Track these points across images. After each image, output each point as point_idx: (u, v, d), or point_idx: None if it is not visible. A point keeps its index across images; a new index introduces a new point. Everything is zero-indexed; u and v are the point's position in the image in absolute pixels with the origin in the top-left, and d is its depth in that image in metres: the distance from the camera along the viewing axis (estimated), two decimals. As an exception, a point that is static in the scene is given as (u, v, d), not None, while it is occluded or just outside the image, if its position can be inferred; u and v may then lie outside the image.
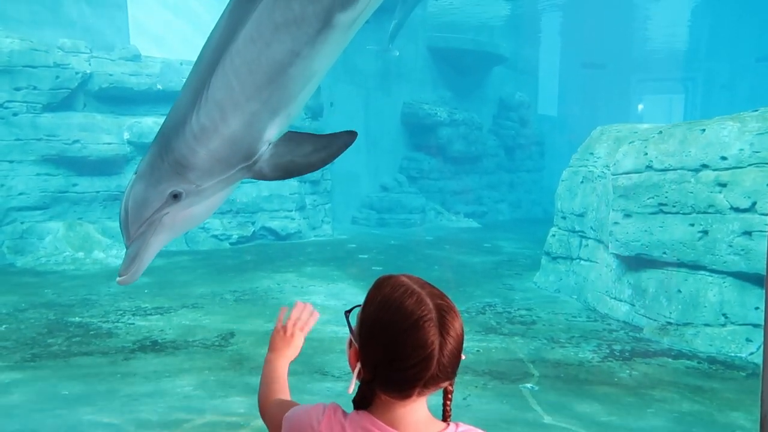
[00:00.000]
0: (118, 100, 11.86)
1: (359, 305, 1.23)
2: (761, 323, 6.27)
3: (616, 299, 7.76)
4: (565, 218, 9.20)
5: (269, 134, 2.71)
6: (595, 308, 8.06)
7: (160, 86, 12.18)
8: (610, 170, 7.94)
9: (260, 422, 1.71)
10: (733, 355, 6.25)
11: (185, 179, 2.60)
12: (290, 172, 2.80)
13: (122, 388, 5.18)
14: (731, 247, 6.45)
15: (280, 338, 1.61)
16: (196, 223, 2.87)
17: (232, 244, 12.44)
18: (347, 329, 1.27)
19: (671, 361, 6.16)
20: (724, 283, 6.52)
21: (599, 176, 8.41)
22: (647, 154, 7.30)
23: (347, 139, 2.84)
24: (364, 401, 1.22)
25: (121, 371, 5.60)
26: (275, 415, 1.43)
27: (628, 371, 5.87)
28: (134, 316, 7.35)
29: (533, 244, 12.55)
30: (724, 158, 6.61)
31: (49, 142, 10.87)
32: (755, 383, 5.56)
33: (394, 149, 17.70)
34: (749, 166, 6.47)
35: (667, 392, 5.37)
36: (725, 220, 6.53)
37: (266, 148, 2.71)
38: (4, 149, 10.55)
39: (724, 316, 6.47)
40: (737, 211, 6.47)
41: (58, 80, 10.93)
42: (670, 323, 6.86)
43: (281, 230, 13.12)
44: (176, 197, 2.60)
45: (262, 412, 1.52)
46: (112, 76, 11.66)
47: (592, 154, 8.83)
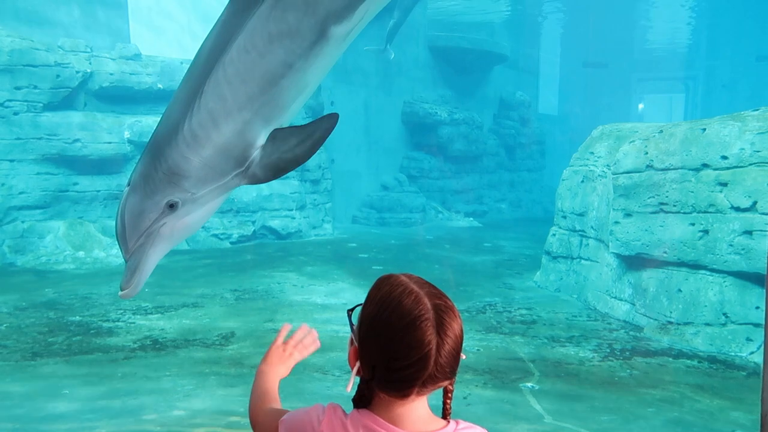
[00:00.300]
0: (118, 99, 11.87)
1: (362, 304, 1.24)
2: (762, 322, 6.27)
3: (616, 298, 7.76)
4: (565, 217, 9.20)
5: (261, 142, 2.71)
6: (595, 307, 8.06)
7: (160, 85, 12.18)
8: (610, 169, 7.93)
9: (260, 422, 1.70)
10: (733, 354, 6.25)
11: (180, 188, 2.58)
12: (280, 169, 2.78)
13: (123, 387, 5.19)
14: (732, 246, 6.45)
15: (277, 354, 1.59)
16: (192, 231, 2.86)
17: (232, 243, 12.44)
18: (347, 329, 1.27)
19: (672, 360, 6.16)
20: (724, 282, 6.52)
21: (600, 175, 8.41)
22: (648, 153, 7.30)
23: (329, 123, 2.80)
24: (363, 400, 1.22)
25: (121, 370, 5.61)
26: (268, 423, 1.41)
27: (628, 370, 5.87)
28: (135, 315, 7.36)
29: (534, 243, 12.55)
30: (724, 157, 6.61)
31: (49, 141, 10.87)
32: (756, 382, 5.56)
33: (394, 148, 17.69)
34: (750, 165, 6.47)
35: (667, 391, 5.37)
36: (726, 219, 6.53)
37: (257, 153, 2.72)
38: (4, 148, 10.55)
39: (724, 315, 6.47)
40: (738, 210, 6.47)
41: (58, 79, 10.93)
42: (670, 322, 6.86)
43: (282, 229, 13.12)
44: (172, 207, 2.58)
45: (253, 422, 1.50)
46: (112, 75, 11.67)
47: (592, 153, 8.82)
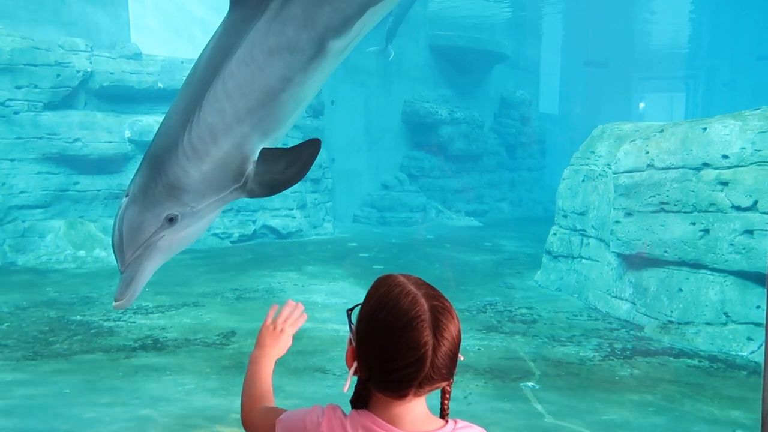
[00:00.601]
0: (119, 98, 11.86)
1: (361, 304, 1.24)
2: (762, 322, 6.27)
3: (617, 298, 7.75)
4: (566, 217, 9.20)
5: (258, 155, 2.73)
6: (596, 307, 8.06)
7: (161, 84, 12.18)
8: (611, 169, 7.93)
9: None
10: (734, 353, 6.24)
11: (180, 202, 2.58)
12: (275, 188, 2.81)
13: (123, 386, 5.19)
14: (732, 245, 6.45)
15: (268, 334, 1.56)
16: (189, 243, 2.86)
17: (233, 242, 12.44)
18: (347, 328, 1.27)
19: (672, 359, 6.16)
20: (725, 281, 6.52)
21: (600, 175, 8.40)
22: (648, 152, 7.29)
23: (311, 148, 2.82)
24: (360, 400, 1.22)
25: (122, 370, 5.61)
26: (261, 422, 1.39)
27: (629, 370, 5.87)
28: (135, 314, 7.36)
29: (534, 242, 12.54)
30: (725, 157, 6.61)
31: (50, 140, 10.87)
32: (756, 382, 5.56)
33: (395, 147, 17.68)
34: (751, 164, 6.46)
35: (668, 391, 5.37)
36: (726, 218, 6.52)
37: (251, 168, 2.72)
38: (5, 148, 10.54)
39: (725, 314, 6.47)
40: (739, 209, 6.46)
41: (58, 78, 10.93)
42: (671, 322, 6.86)
43: (282, 229, 13.12)
44: (172, 220, 2.58)
45: (245, 419, 1.46)
46: (113, 74, 11.66)
47: (593, 152, 8.82)
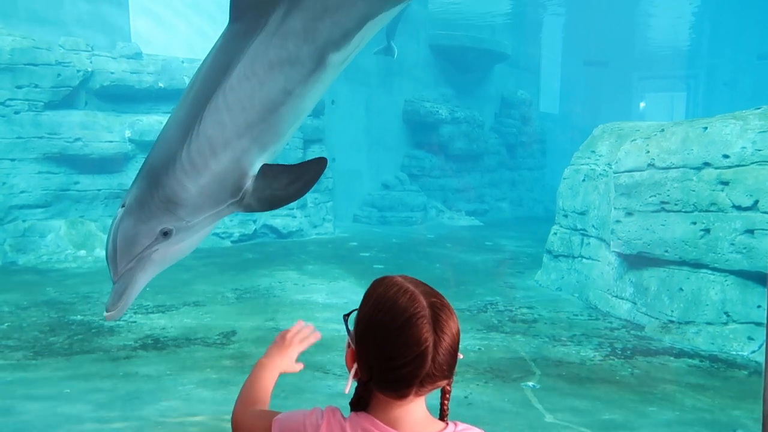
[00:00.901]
0: (119, 98, 11.86)
1: (357, 309, 1.24)
2: (763, 321, 6.26)
3: (617, 297, 7.75)
4: (566, 216, 9.19)
5: (256, 170, 2.72)
6: (596, 306, 8.05)
7: (161, 84, 12.18)
8: (611, 168, 7.92)
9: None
10: (734, 353, 6.24)
11: (176, 216, 2.56)
12: (274, 204, 2.81)
13: (124, 386, 5.19)
14: (733, 245, 6.44)
15: (278, 346, 1.59)
16: (183, 256, 2.85)
17: (233, 242, 12.44)
18: (345, 333, 1.27)
19: (673, 359, 6.16)
20: (726, 281, 6.51)
21: (601, 174, 8.40)
22: (649, 152, 7.29)
23: (317, 167, 2.83)
24: (361, 402, 1.22)
25: (122, 369, 5.61)
26: (254, 423, 1.38)
27: (629, 369, 5.87)
28: (136, 314, 7.36)
29: (535, 242, 12.54)
30: (726, 156, 6.60)
31: (50, 140, 10.87)
32: (757, 381, 5.55)
33: (395, 147, 17.68)
34: (752, 164, 6.45)
35: (668, 391, 5.37)
36: (727, 218, 6.52)
37: (250, 183, 2.71)
38: (5, 147, 10.55)
39: (726, 314, 6.46)
40: (739, 209, 6.46)
41: (59, 78, 10.93)
42: (671, 321, 6.85)
43: (283, 228, 13.12)
44: (166, 234, 2.57)
45: (236, 418, 1.44)
46: (113, 74, 11.66)
47: (593, 152, 8.81)
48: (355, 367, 1.21)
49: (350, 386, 1.22)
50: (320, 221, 14.06)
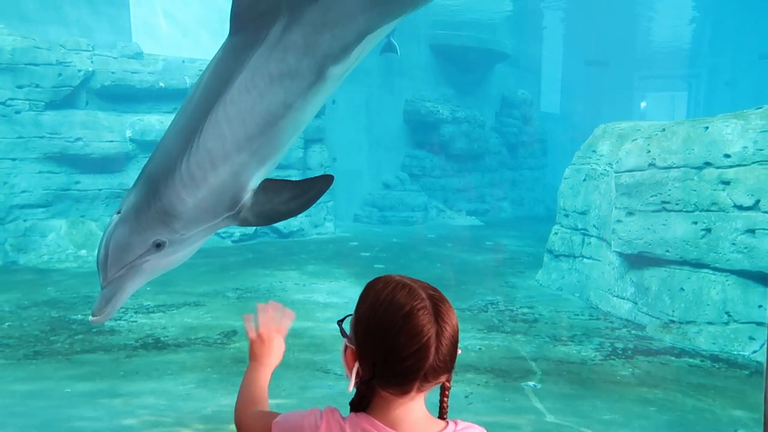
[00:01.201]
0: (120, 97, 11.86)
1: (351, 314, 1.25)
2: (764, 321, 6.26)
3: (618, 297, 7.74)
4: (567, 216, 9.19)
5: (254, 183, 2.71)
6: (597, 306, 8.05)
7: (162, 84, 12.18)
8: (612, 168, 7.92)
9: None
10: (736, 353, 6.23)
11: (170, 228, 2.56)
12: (273, 218, 2.80)
13: (125, 386, 5.19)
14: (734, 245, 6.43)
15: (258, 346, 1.54)
16: (174, 267, 2.85)
17: (234, 241, 12.44)
18: (343, 338, 1.27)
19: (674, 359, 6.15)
20: (727, 281, 6.51)
21: (602, 174, 8.39)
22: (650, 151, 7.28)
23: (323, 184, 2.84)
24: (362, 402, 1.22)
25: (123, 369, 5.61)
26: (257, 424, 1.39)
27: (630, 369, 5.86)
28: (137, 314, 7.36)
29: (535, 242, 12.54)
30: (727, 156, 6.59)
31: (51, 139, 10.88)
32: (758, 381, 5.55)
33: (396, 147, 17.68)
34: (753, 163, 6.45)
35: (669, 390, 5.36)
36: (728, 218, 6.51)
37: (249, 196, 2.70)
38: (6, 147, 10.55)
39: (727, 314, 6.45)
40: (741, 209, 6.45)
41: (60, 78, 10.93)
42: (672, 321, 6.85)
43: (283, 228, 13.12)
44: (159, 246, 2.56)
45: (239, 422, 1.45)
46: (114, 73, 11.66)
47: (594, 151, 8.81)
48: (356, 366, 1.20)
49: (353, 385, 1.22)
50: (321, 221, 14.07)
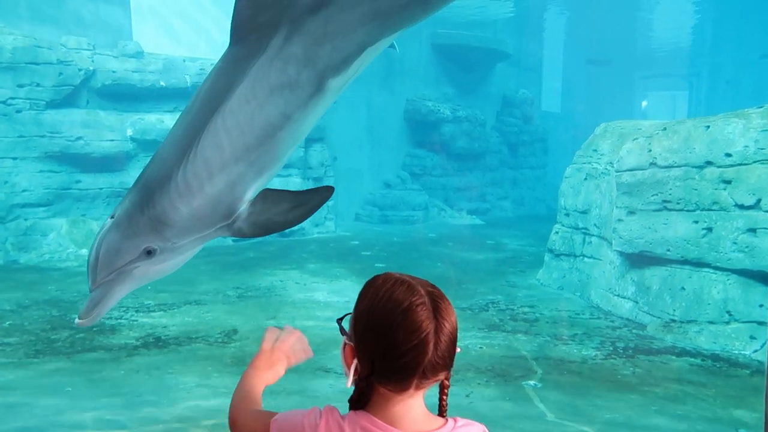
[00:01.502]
0: (121, 96, 11.87)
1: (350, 313, 1.26)
2: (765, 321, 6.25)
3: (619, 296, 7.74)
4: (568, 215, 9.18)
5: (250, 194, 2.70)
6: (598, 305, 8.04)
7: (162, 83, 12.18)
8: (613, 167, 7.91)
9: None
10: (736, 352, 6.23)
11: (162, 236, 2.55)
12: (269, 229, 2.77)
13: (125, 384, 5.19)
14: (736, 244, 6.43)
15: (264, 359, 1.54)
16: (164, 275, 2.85)
17: (235, 240, 12.42)
18: (343, 337, 1.27)
19: (675, 358, 6.15)
20: (728, 280, 6.50)
21: (603, 173, 8.38)
22: (651, 150, 7.27)
23: (324, 195, 2.82)
24: (361, 399, 1.22)
25: (124, 368, 5.61)
26: (253, 424, 1.38)
27: (631, 368, 5.86)
28: (137, 312, 7.37)
29: (536, 241, 12.53)
30: (728, 155, 6.58)
31: (52, 138, 10.89)
32: (759, 380, 5.54)
33: (397, 146, 17.68)
34: (754, 162, 6.44)
35: (670, 390, 5.36)
36: (730, 217, 6.50)
37: (245, 207, 2.70)
38: (7, 146, 10.56)
39: (728, 313, 6.45)
40: (742, 208, 6.44)
41: (61, 77, 10.94)
42: (673, 320, 6.84)
43: (284, 227, 13.10)
44: (150, 253, 2.55)
45: (233, 421, 1.44)
46: (115, 72, 11.66)
47: (595, 150, 8.80)
48: (355, 362, 1.20)
49: (351, 381, 1.22)
50: (322, 220, 14.06)
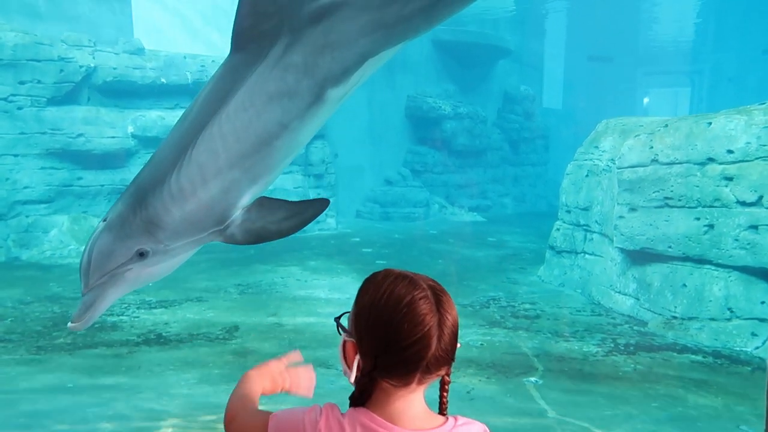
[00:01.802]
0: (121, 93, 11.86)
1: (348, 312, 1.26)
2: (767, 317, 6.24)
3: (620, 293, 7.73)
4: (569, 212, 9.17)
5: (244, 201, 2.70)
6: (599, 302, 8.04)
7: (163, 80, 12.17)
8: (615, 164, 7.90)
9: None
10: (738, 349, 6.22)
11: (154, 238, 2.55)
12: (261, 237, 2.77)
13: (127, 381, 5.20)
14: (737, 241, 6.42)
15: (272, 369, 1.52)
16: (157, 279, 2.85)
17: (236, 237, 12.44)
18: (342, 336, 1.27)
19: (676, 355, 6.15)
20: (729, 277, 6.49)
21: (604, 170, 8.37)
22: (653, 147, 7.26)
23: (319, 207, 2.83)
24: (363, 395, 1.22)
25: (125, 364, 5.62)
26: (250, 421, 1.37)
27: (632, 365, 5.86)
28: (139, 309, 7.38)
29: (538, 238, 12.52)
30: (730, 152, 6.57)
31: (53, 135, 10.88)
32: (761, 377, 5.54)
33: (398, 143, 17.66)
34: (756, 159, 6.43)
35: (671, 387, 5.36)
36: (731, 214, 6.49)
37: (239, 213, 2.70)
38: (8, 143, 10.56)
39: (729, 310, 6.44)
40: (743, 204, 6.43)
41: (62, 74, 10.93)
42: (675, 317, 6.84)
43: (285, 224, 13.11)
44: (142, 255, 2.55)
45: (231, 418, 1.43)
46: (115, 69, 11.65)
47: (597, 147, 8.79)
48: (357, 358, 1.20)
49: (354, 377, 1.22)
50: (323, 217, 14.04)
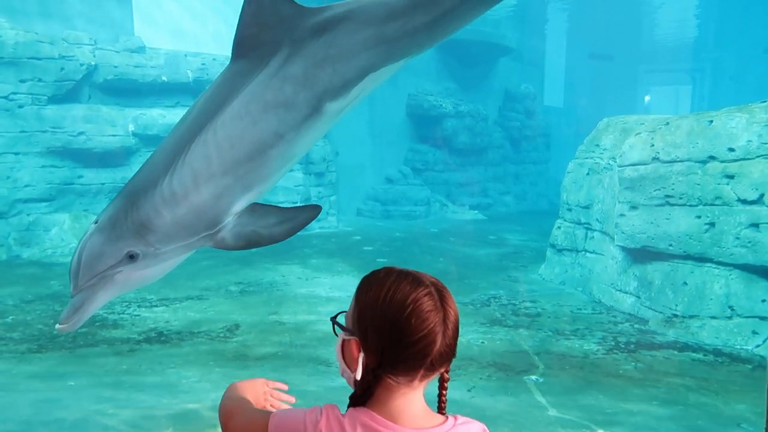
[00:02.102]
0: (122, 91, 11.86)
1: (344, 311, 1.27)
2: (767, 316, 6.24)
3: (621, 291, 7.73)
4: (570, 210, 9.17)
5: (237, 208, 2.71)
6: (600, 300, 8.04)
7: (164, 78, 12.17)
8: (616, 162, 7.89)
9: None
10: (739, 347, 6.22)
11: (145, 241, 2.55)
12: (252, 242, 2.79)
13: (128, 379, 5.20)
14: (738, 239, 6.41)
15: (257, 387, 1.50)
16: (147, 283, 2.84)
17: (237, 236, 12.44)
18: (341, 335, 1.26)
19: (677, 353, 6.15)
20: (730, 275, 6.49)
21: (605, 168, 8.36)
22: (654, 145, 7.25)
23: (311, 213, 2.86)
24: (365, 394, 1.22)
25: (126, 362, 5.63)
26: (248, 421, 1.36)
27: (633, 363, 5.86)
28: (140, 307, 7.38)
29: (538, 236, 12.52)
30: (731, 150, 6.56)
31: (54, 134, 10.89)
32: (761, 375, 5.54)
33: (399, 141, 17.65)
34: (757, 157, 6.42)
35: (672, 385, 5.36)
36: (732, 212, 6.49)
37: (231, 219, 2.70)
38: (9, 141, 10.56)
39: (730, 308, 6.44)
40: (744, 203, 6.43)
41: (62, 72, 10.93)
42: (675, 315, 6.84)
43: (286, 222, 13.11)
44: (132, 258, 2.55)
45: (229, 417, 1.40)
46: (116, 67, 11.65)
47: (598, 145, 8.78)
48: (362, 356, 1.20)
49: (359, 373, 1.21)
50: (324, 215, 14.05)
